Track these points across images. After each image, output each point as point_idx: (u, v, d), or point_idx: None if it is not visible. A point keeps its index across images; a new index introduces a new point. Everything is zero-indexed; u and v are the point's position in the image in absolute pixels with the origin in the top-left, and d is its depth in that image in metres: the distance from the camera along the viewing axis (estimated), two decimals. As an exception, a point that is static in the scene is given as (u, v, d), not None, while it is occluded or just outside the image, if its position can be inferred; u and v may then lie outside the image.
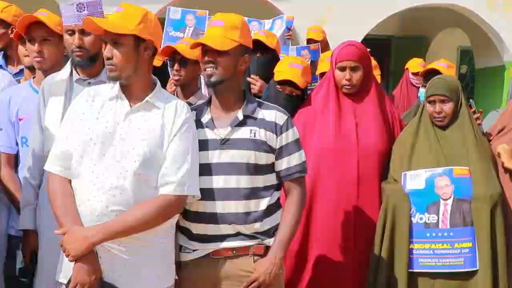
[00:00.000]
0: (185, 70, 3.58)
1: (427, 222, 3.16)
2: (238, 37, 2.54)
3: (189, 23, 5.21)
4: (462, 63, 11.45)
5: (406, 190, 3.21)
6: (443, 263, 3.13)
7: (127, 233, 2.28)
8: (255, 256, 2.54)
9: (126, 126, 2.36)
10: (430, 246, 3.15)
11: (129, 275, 2.33)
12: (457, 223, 3.11)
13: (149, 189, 2.35)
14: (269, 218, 2.57)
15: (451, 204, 3.13)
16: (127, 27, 2.33)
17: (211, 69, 2.51)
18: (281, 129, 2.57)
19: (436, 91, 3.25)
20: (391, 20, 8.75)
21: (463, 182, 3.14)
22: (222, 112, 2.59)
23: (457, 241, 3.12)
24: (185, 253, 2.59)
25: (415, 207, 3.18)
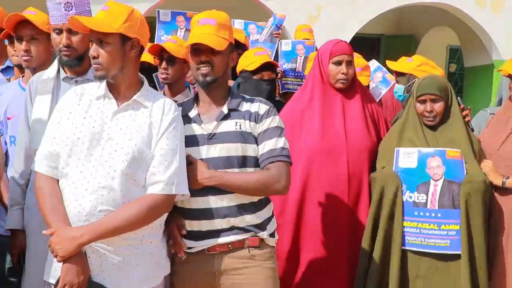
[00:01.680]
0: (172, 68, 3.60)
1: (416, 201, 3.18)
2: (228, 36, 2.57)
3: (180, 25, 5.21)
4: (451, 61, 11.50)
5: (398, 167, 3.23)
6: (429, 243, 3.15)
7: (115, 233, 2.26)
8: (250, 248, 2.55)
9: (113, 126, 2.34)
10: (417, 225, 3.17)
11: (118, 275, 2.31)
12: (445, 205, 3.14)
13: (138, 189, 2.33)
14: (261, 211, 2.58)
15: (441, 185, 3.16)
16: (112, 26, 2.31)
17: (206, 68, 2.52)
18: (261, 117, 2.57)
19: (427, 90, 3.27)
20: (380, 18, 8.76)
21: (455, 164, 3.17)
22: (209, 108, 2.60)
23: (444, 222, 3.14)
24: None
25: (405, 185, 3.20)
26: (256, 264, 2.55)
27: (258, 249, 2.56)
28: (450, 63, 11.49)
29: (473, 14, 8.68)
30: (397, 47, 10.69)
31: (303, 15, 7.90)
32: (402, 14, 10.03)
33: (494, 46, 8.77)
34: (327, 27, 7.65)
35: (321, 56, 3.45)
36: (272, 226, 2.65)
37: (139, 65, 2.49)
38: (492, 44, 8.78)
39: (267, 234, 2.59)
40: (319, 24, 7.50)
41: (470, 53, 9.63)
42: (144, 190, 2.34)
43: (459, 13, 8.79)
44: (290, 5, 8.03)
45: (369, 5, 8.34)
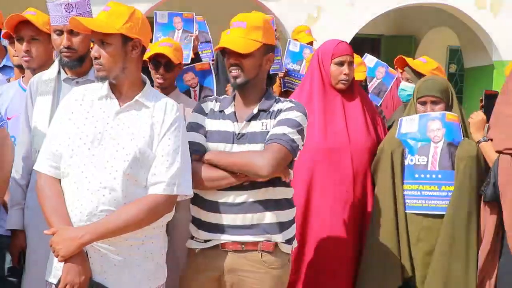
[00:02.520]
0: (170, 74, 3.54)
1: (417, 163, 3.21)
2: (261, 37, 2.56)
3: (177, 26, 5.23)
4: (451, 62, 11.50)
5: (400, 134, 3.27)
6: (429, 204, 3.18)
7: (117, 233, 2.26)
8: (264, 253, 2.54)
9: (115, 126, 2.35)
10: (417, 187, 3.20)
11: (119, 275, 2.32)
12: (445, 166, 3.17)
13: (139, 189, 2.34)
14: (281, 211, 2.57)
15: (441, 147, 3.19)
16: (113, 27, 2.31)
17: (236, 71, 2.54)
18: (281, 112, 2.56)
19: (427, 92, 3.29)
20: (381, 19, 8.77)
21: (454, 127, 3.20)
22: (243, 108, 2.62)
23: (444, 183, 3.17)
24: (195, 242, 2.62)
25: (407, 148, 3.23)
26: (266, 270, 2.54)
27: (271, 255, 2.55)
28: (450, 64, 11.49)
29: (473, 14, 8.68)
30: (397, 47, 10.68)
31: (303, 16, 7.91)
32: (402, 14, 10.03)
33: (494, 46, 8.78)
34: (327, 28, 7.65)
35: (321, 57, 3.45)
36: (290, 232, 2.62)
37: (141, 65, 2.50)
38: (492, 44, 8.78)
39: (283, 238, 2.57)
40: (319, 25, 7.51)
41: (470, 54, 9.64)
42: (145, 190, 2.35)
43: (459, 13, 8.80)
44: (290, 6, 8.03)
45: (369, 6, 8.35)
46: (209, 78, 4.63)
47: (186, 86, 4.06)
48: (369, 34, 10.10)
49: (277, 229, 2.55)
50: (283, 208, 2.58)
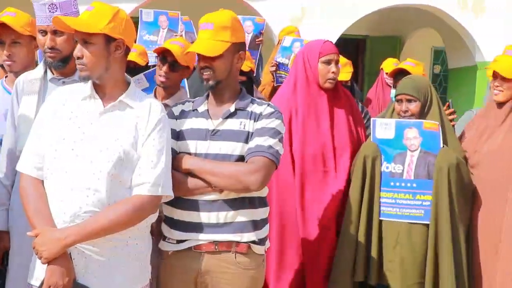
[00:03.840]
0: (174, 74, 3.46)
1: (393, 171, 3.24)
2: (229, 37, 2.55)
3: (162, 25, 5.22)
4: (435, 63, 11.57)
5: (375, 138, 3.27)
6: (403, 213, 3.21)
7: (101, 234, 2.24)
8: (237, 254, 2.53)
9: (99, 126, 2.33)
10: (392, 195, 3.23)
11: (103, 276, 2.30)
12: (420, 175, 3.20)
13: (123, 190, 2.32)
14: (254, 209, 2.56)
15: (417, 156, 3.21)
16: (96, 26, 2.29)
17: (207, 73, 2.54)
18: (261, 117, 2.56)
19: (404, 90, 3.33)
20: (366, 20, 8.79)
21: (431, 136, 3.22)
22: (217, 106, 2.61)
23: (419, 192, 3.20)
24: (168, 243, 2.59)
25: (383, 155, 3.24)
26: (240, 271, 2.54)
27: (245, 256, 2.54)
28: (434, 65, 11.56)
29: (457, 15, 8.74)
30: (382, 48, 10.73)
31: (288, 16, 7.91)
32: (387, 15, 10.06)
33: (477, 47, 8.84)
34: (312, 29, 7.65)
35: (307, 56, 3.45)
36: (263, 232, 2.61)
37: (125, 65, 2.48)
38: (475, 45, 8.85)
39: (256, 237, 2.56)
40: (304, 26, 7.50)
41: (454, 55, 9.70)
42: (130, 191, 2.33)
43: (443, 14, 8.85)
44: (275, 6, 8.03)
45: (354, 7, 8.37)
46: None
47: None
48: (354, 35, 10.13)
49: (251, 228, 2.53)
50: (257, 207, 2.57)
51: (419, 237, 3.18)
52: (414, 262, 3.18)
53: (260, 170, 2.44)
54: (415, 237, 3.19)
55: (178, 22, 5.23)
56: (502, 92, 3.31)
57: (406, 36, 11.09)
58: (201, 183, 2.48)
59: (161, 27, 5.20)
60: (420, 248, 3.18)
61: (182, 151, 2.56)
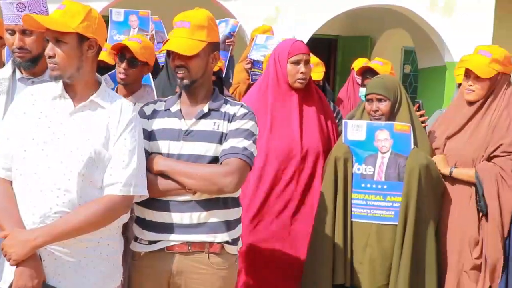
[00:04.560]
0: (133, 70, 3.49)
1: (364, 173, 3.25)
2: (206, 37, 2.52)
3: (133, 24, 5.17)
4: (405, 63, 11.68)
5: (347, 140, 3.29)
6: (374, 214, 3.23)
7: (71, 235, 2.21)
8: (210, 254, 2.52)
9: (70, 126, 2.30)
10: (364, 197, 3.25)
11: (74, 278, 2.27)
12: (391, 177, 3.22)
13: (95, 190, 2.29)
14: (227, 209, 2.55)
15: (388, 157, 3.23)
16: (69, 25, 2.26)
17: (182, 72, 2.50)
18: (235, 118, 2.54)
19: (373, 89, 3.35)
20: (337, 20, 8.84)
21: (402, 138, 3.24)
22: (190, 106, 2.58)
23: (389, 194, 3.22)
24: (140, 244, 2.56)
25: (354, 157, 3.26)
26: (213, 272, 2.52)
27: (218, 256, 2.53)
28: (405, 64, 11.67)
29: (426, 16, 8.83)
30: (353, 48, 10.80)
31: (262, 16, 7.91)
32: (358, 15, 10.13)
33: (446, 48, 8.95)
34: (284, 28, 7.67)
35: (278, 56, 3.46)
36: (236, 232, 2.61)
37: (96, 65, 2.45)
38: (444, 46, 8.96)
39: (229, 238, 2.55)
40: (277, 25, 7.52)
41: (424, 55, 9.81)
42: (101, 191, 2.30)
43: (413, 15, 8.94)
44: (249, 6, 8.02)
45: (326, 7, 8.41)
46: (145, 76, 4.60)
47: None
48: (326, 34, 10.18)
49: (224, 228, 2.52)
50: (230, 207, 2.56)
51: (388, 239, 3.20)
52: (383, 264, 3.20)
53: (235, 172, 2.43)
54: (384, 238, 3.21)
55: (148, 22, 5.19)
56: (474, 91, 3.33)
57: (377, 36, 11.18)
58: (174, 185, 2.45)
59: (131, 26, 5.15)
60: (390, 250, 3.20)
61: (154, 151, 2.53)
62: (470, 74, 3.34)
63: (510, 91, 3.34)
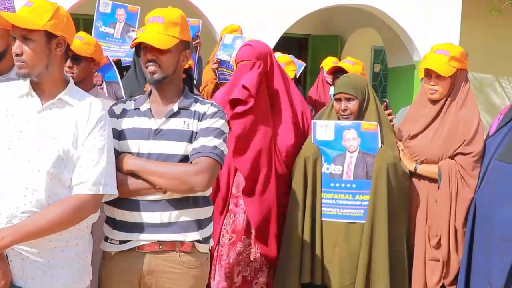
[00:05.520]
0: (78, 67, 3.48)
1: (332, 172, 3.28)
2: (179, 33, 2.53)
3: (119, 18, 5.09)
4: (375, 62, 11.79)
5: (316, 140, 3.31)
6: (343, 213, 3.27)
7: (39, 235, 2.18)
8: (182, 253, 2.51)
9: (37, 124, 2.26)
10: (333, 196, 3.28)
11: (42, 278, 2.24)
12: (359, 176, 3.25)
13: (63, 189, 2.26)
14: (198, 208, 2.54)
15: (356, 157, 3.26)
16: (37, 23, 2.23)
17: (153, 67, 2.49)
18: (206, 116, 2.54)
19: (342, 89, 3.37)
20: (308, 19, 8.87)
21: (370, 137, 3.28)
22: (160, 104, 2.57)
23: (358, 192, 3.25)
24: (110, 244, 2.54)
25: (323, 157, 3.28)
26: (185, 271, 2.52)
27: (190, 255, 2.53)
28: (374, 64, 11.78)
29: (395, 16, 8.93)
30: (324, 47, 10.88)
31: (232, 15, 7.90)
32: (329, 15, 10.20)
33: (414, 47, 9.07)
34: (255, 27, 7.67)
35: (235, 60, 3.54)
36: (207, 230, 2.61)
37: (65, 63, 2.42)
38: (413, 45, 9.07)
39: (201, 236, 2.55)
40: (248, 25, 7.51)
41: (393, 54, 9.92)
42: (70, 190, 2.27)
43: (382, 15, 9.04)
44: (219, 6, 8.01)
45: (296, 6, 8.44)
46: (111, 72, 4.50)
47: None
48: (296, 33, 10.22)
49: (195, 227, 2.52)
50: (201, 206, 2.56)
51: (357, 237, 3.23)
52: (352, 263, 3.23)
53: (206, 171, 2.42)
54: (353, 237, 3.23)
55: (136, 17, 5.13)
56: (437, 91, 3.38)
57: (347, 36, 11.27)
58: (145, 184, 2.44)
59: (118, 20, 5.08)
60: (358, 248, 3.23)
61: (124, 151, 2.51)
62: (431, 73, 3.38)
63: (468, 87, 3.40)
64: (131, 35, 5.05)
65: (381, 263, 3.17)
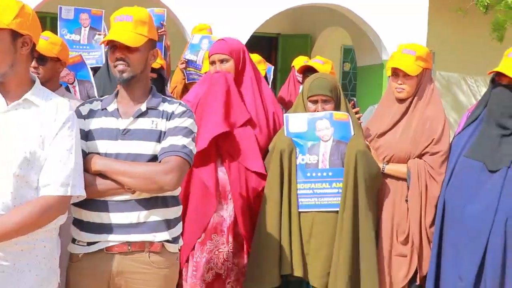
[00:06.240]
0: (44, 68, 3.45)
1: (308, 162, 3.29)
2: (147, 32, 2.52)
3: (83, 23, 5.01)
4: (345, 61, 11.90)
5: (289, 132, 3.31)
6: (322, 202, 3.27)
7: (5, 238, 2.13)
8: (151, 253, 2.49)
9: (2, 126, 2.21)
10: (310, 186, 3.28)
11: (8, 282, 2.19)
12: (335, 164, 3.26)
13: (30, 191, 2.22)
14: (166, 208, 2.53)
15: (331, 145, 3.28)
16: (2, 21, 2.18)
17: (122, 65, 2.47)
18: (174, 116, 2.53)
19: (319, 91, 3.37)
20: (278, 18, 8.90)
21: (342, 125, 3.30)
22: (128, 104, 2.55)
23: (335, 180, 3.26)
24: (78, 246, 2.51)
25: (298, 148, 3.28)
26: (154, 271, 2.50)
27: (159, 255, 2.51)
28: (344, 62, 11.89)
29: (364, 15, 9.02)
30: (294, 46, 10.93)
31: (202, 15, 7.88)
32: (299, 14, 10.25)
33: (383, 46, 9.17)
34: (225, 27, 7.66)
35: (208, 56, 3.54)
36: (176, 230, 2.59)
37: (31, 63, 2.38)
38: (381, 44, 9.17)
39: (170, 236, 2.53)
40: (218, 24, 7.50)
41: (362, 53, 10.01)
42: (37, 192, 2.23)
43: (351, 14, 9.12)
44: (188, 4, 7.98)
45: (266, 5, 8.45)
46: (83, 71, 4.45)
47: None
48: (266, 33, 10.24)
49: (164, 227, 2.51)
50: (170, 206, 2.54)
51: (334, 226, 3.24)
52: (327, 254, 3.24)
53: (175, 170, 2.41)
54: (330, 226, 3.24)
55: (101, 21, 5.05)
56: (405, 89, 3.41)
57: (317, 35, 11.34)
58: (113, 185, 2.42)
59: (82, 25, 5.00)
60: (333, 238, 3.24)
61: (91, 151, 2.48)
62: (398, 72, 3.42)
63: (433, 86, 3.46)
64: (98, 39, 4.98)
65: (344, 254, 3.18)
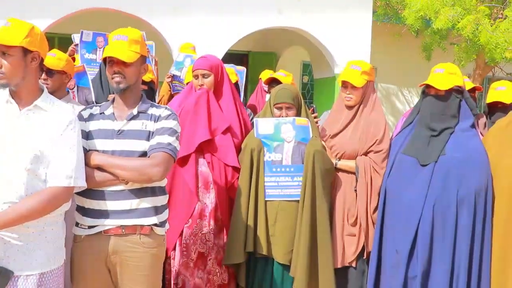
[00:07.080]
0: (52, 79, 3.54)
1: (274, 159, 3.34)
2: (140, 50, 2.54)
3: (99, 45, 5.08)
4: (304, 74, 11.97)
5: (258, 134, 3.36)
6: (285, 192, 3.32)
7: (19, 222, 2.14)
8: (142, 235, 2.51)
9: (17, 127, 2.22)
10: (275, 179, 3.33)
11: (21, 259, 2.20)
12: (296, 161, 3.32)
13: (39, 182, 2.22)
14: (155, 198, 2.54)
15: (293, 145, 3.34)
16: (15, 40, 2.19)
17: (119, 78, 2.50)
18: (160, 118, 2.55)
19: (283, 99, 3.42)
20: (248, 37, 8.93)
21: (303, 129, 3.36)
22: (122, 109, 2.57)
23: (296, 175, 3.32)
24: (80, 228, 2.52)
25: (266, 147, 3.33)
26: (144, 250, 2.51)
27: (148, 237, 2.53)
28: (303, 75, 11.96)
29: (320, 37, 9.11)
30: (262, 61, 10.96)
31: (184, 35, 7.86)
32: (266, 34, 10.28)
33: (334, 62, 9.28)
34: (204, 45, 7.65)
35: None
36: (163, 216, 2.61)
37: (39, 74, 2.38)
38: (333, 60, 9.27)
39: (158, 221, 2.55)
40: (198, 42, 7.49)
41: (318, 68, 10.10)
42: (45, 183, 2.24)
43: (309, 35, 9.20)
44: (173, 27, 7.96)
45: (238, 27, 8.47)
46: (84, 79, 4.61)
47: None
48: (239, 50, 10.26)
49: (153, 212, 2.53)
50: (157, 195, 2.56)
51: (294, 213, 3.29)
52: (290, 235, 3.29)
53: (161, 163, 2.44)
54: (291, 213, 3.29)
55: None
56: (352, 98, 3.49)
57: (280, 52, 11.40)
58: (109, 176, 2.43)
59: (98, 46, 5.06)
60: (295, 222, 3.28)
61: (91, 148, 2.50)
62: (347, 84, 3.48)
63: (375, 95, 3.53)
64: None
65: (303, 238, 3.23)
